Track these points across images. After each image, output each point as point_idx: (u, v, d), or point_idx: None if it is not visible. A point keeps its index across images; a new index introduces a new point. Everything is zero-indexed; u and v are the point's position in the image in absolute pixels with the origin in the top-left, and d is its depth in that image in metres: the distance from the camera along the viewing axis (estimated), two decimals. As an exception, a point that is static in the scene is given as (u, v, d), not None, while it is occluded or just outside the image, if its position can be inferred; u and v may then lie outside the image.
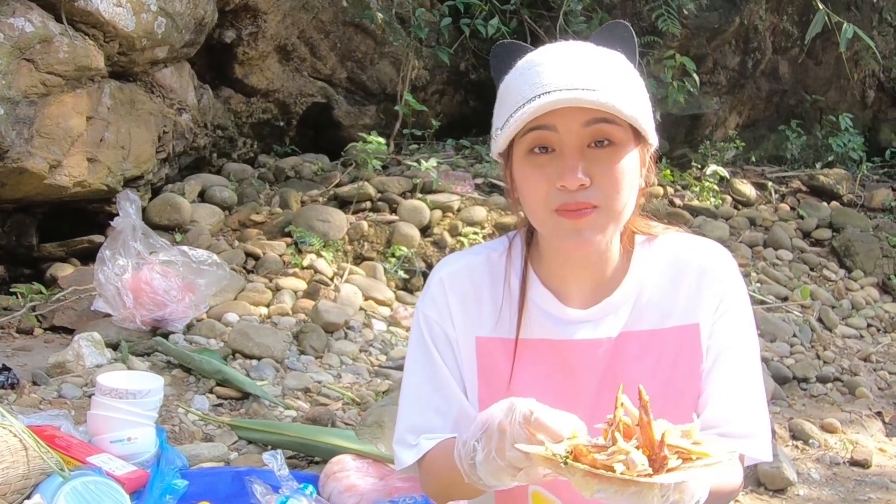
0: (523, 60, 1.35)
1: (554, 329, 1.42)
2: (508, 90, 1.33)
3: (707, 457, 1.11)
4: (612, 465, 1.07)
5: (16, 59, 3.72)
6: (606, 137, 1.28)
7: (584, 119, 1.26)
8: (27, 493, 2.10)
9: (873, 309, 5.52)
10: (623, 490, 1.07)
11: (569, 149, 1.28)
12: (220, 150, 5.71)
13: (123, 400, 2.50)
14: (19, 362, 3.43)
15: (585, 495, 1.08)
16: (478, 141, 6.48)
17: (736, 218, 6.12)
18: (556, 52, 1.33)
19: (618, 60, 1.34)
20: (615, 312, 1.42)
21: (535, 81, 1.28)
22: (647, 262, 1.45)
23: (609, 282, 1.43)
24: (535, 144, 1.29)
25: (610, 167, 1.28)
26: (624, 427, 1.14)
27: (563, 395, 1.40)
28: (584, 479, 1.08)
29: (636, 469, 1.07)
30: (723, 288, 1.43)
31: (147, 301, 3.72)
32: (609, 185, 1.29)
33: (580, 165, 1.27)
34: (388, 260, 4.83)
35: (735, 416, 1.39)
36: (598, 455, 1.09)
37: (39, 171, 3.90)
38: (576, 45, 1.35)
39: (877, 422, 4.15)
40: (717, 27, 6.81)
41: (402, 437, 1.46)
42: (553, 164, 1.29)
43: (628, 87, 1.31)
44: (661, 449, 1.09)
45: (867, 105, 8.14)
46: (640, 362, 1.41)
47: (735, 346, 1.43)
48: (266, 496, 2.20)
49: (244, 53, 5.48)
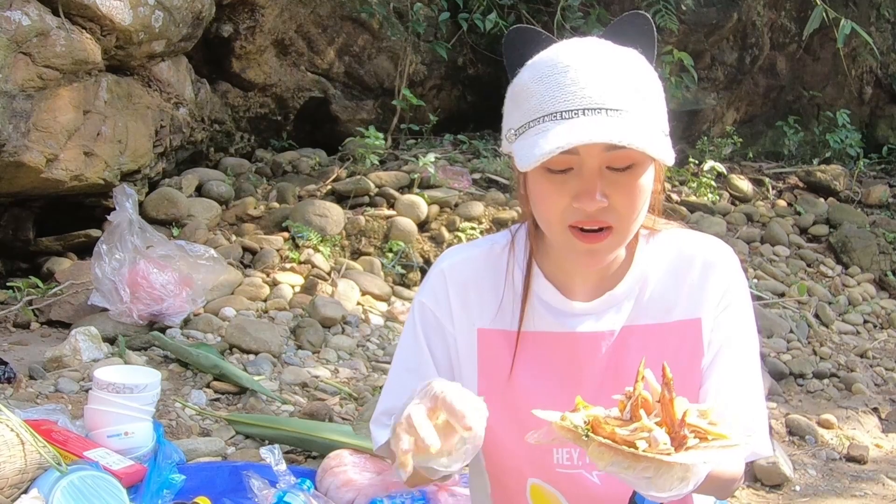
0: (543, 60, 1.30)
1: (556, 322, 1.43)
2: (528, 93, 1.28)
3: (724, 438, 1.10)
4: (635, 442, 1.06)
5: (12, 53, 3.71)
6: (626, 161, 1.26)
7: (606, 145, 1.23)
8: (24, 488, 2.10)
9: (870, 305, 5.52)
10: (635, 465, 1.06)
11: (588, 171, 1.26)
12: (217, 144, 5.70)
13: (120, 394, 2.49)
14: (16, 356, 3.43)
15: (599, 466, 1.08)
16: (475, 136, 6.48)
17: (733, 214, 6.12)
18: (579, 56, 1.27)
19: (639, 67, 1.30)
20: (618, 306, 1.43)
21: (556, 94, 1.24)
22: (650, 257, 1.45)
23: (612, 276, 1.43)
24: (554, 166, 1.26)
25: (628, 189, 1.27)
26: (642, 400, 1.13)
27: (564, 387, 1.41)
28: (598, 451, 1.08)
29: (658, 447, 1.06)
30: (725, 283, 1.44)
31: (144, 295, 3.72)
32: (626, 206, 1.28)
33: (599, 186, 1.25)
34: (385, 255, 4.82)
35: (734, 411, 1.39)
36: (619, 430, 1.08)
37: (36, 164, 3.89)
38: (600, 51, 1.29)
39: (873, 418, 4.16)
40: (715, 23, 6.80)
41: (378, 417, 1.49)
42: (571, 183, 1.27)
43: (650, 103, 1.28)
44: (682, 427, 1.09)
45: (864, 101, 8.14)
46: (642, 355, 1.41)
47: (736, 342, 1.43)
48: (263, 491, 2.19)
49: (241, 48, 5.47)
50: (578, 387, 1.40)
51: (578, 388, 1.40)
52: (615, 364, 1.41)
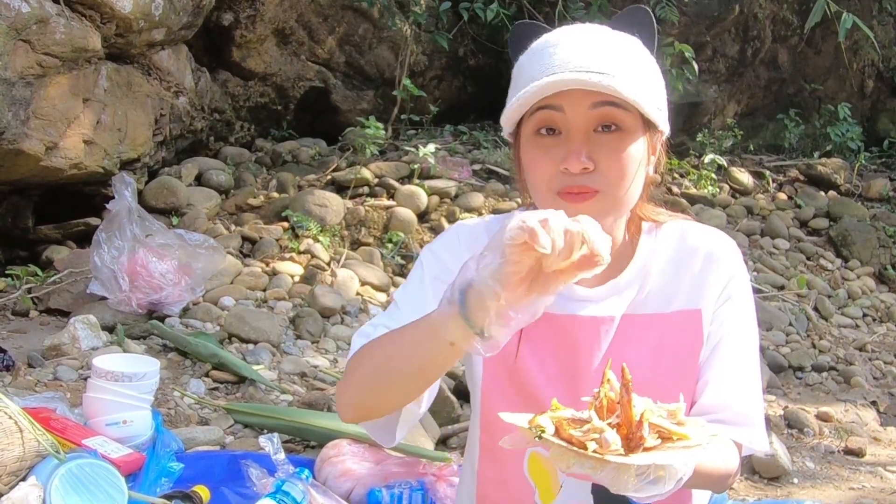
0: (538, 41, 1.35)
1: (558, 304, 1.43)
2: (521, 70, 1.33)
3: (686, 439, 1.10)
4: (585, 444, 1.06)
5: (12, 40, 3.70)
6: (613, 122, 1.28)
7: (591, 101, 1.26)
8: (22, 475, 2.10)
9: (869, 299, 5.52)
10: (598, 467, 1.06)
11: (575, 131, 1.27)
12: (217, 133, 5.69)
13: (119, 383, 2.49)
14: (14, 344, 3.42)
15: (561, 468, 1.08)
16: (476, 127, 6.47)
17: (733, 207, 6.12)
18: (571, 33, 1.33)
19: (633, 45, 1.33)
20: (619, 294, 1.44)
21: (546, 62, 1.27)
22: (652, 248, 1.46)
23: (615, 265, 1.43)
24: (541, 125, 1.29)
25: (615, 153, 1.28)
26: (608, 403, 1.13)
27: (566, 369, 1.43)
28: (559, 453, 1.08)
29: (609, 448, 1.06)
30: (727, 275, 1.44)
31: (143, 284, 3.71)
32: (613, 170, 1.28)
33: (585, 149, 1.27)
34: (385, 245, 4.82)
35: (731, 403, 1.40)
36: (573, 431, 1.08)
37: (35, 152, 3.88)
38: (591, 28, 1.34)
39: (871, 411, 4.16)
40: (717, 15, 6.79)
41: (364, 329, 1.43)
42: (558, 147, 1.29)
43: (640, 72, 1.30)
44: (639, 428, 1.08)
45: (866, 95, 8.12)
46: (641, 345, 1.42)
47: (735, 334, 1.44)
48: (262, 480, 2.19)
49: (242, 37, 5.46)
50: (576, 369, 1.42)
51: (576, 371, 1.42)
52: (614, 352, 1.41)
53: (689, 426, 1.12)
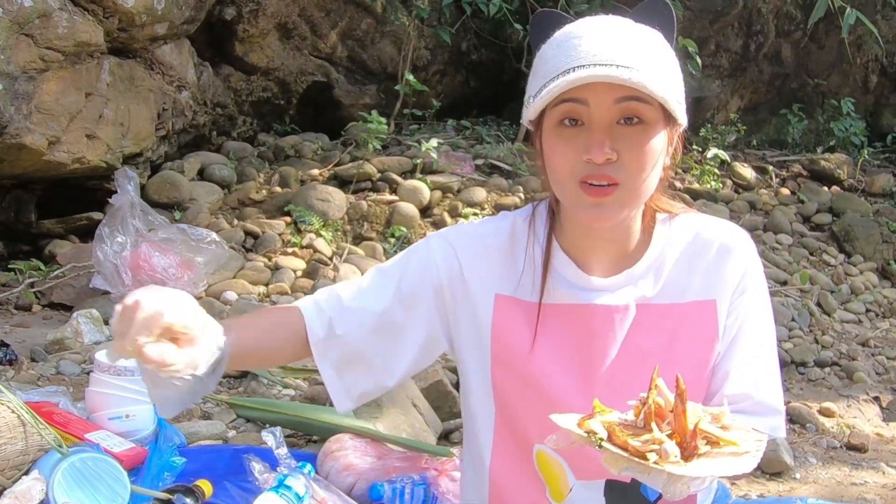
0: (561, 31, 1.35)
1: (572, 294, 1.45)
2: (544, 60, 1.34)
3: (735, 445, 1.12)
4: (646, 454, 1.09)
5: (14, 35, 3.70)
6: (636, 115, 1.29)
7: (615, 96, 1.26)
8: (25, 469, 2.10)
9: (872, 294, 5.51)
10: (648, 471, 1.09)
11: (598, 124, 1.28)
12: (219, 128, 5.69)
13: (121, 377, 2.49)
14: (17, 339, 3.43)
15: (612, 471, 1.11)
16: (478, 122, 6.46)
17: (736, 202, 6.11)
18: (595, 25, 1.33)
19: (655, 39, 1.34)
20: (634, 284, 1.45)
21: (570, 53, 1.28)
22: (667, 239, 1.47)
23: (630, 255, 1.45)
24: (565, 116, 1.30)
25: (637, 145, 1.29)
26: (655, 407, 1.15)
27: (580, 358, 1.44)
28: (612, 458, 1.10)
29: (668, 459, 1.08)
30: (742, 268, 1.46)
31: (145, 278, 3.72)
32: (634, 163, 1.30)
33: (608, 141, 1.28)
34: (387, 240, 4.82)
35: (752, 393, 1.43)
36: (632, 440, 1.10)
37: (38, 147, 3.89)
38: (615, 21, 1.34)
39: (874, 406, 4.16)
40: (720, 9, 6.77)
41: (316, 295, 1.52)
42: (581, 137, 1.29)
43: (662, 66, 1.31)
44: (694, 438, 1.11)
45: (869, 90, 8.11)
46: (656, 335, 1.43)
47: (753, 325, 1.46)
48: (264, 474, 2.19)
49: (244, 31, 5.45)
50: (591, 358, 1.44)
51: (590, 360, 1.43)
52: (629, 340, 1.43)
53: (735, 431, 1.15)
